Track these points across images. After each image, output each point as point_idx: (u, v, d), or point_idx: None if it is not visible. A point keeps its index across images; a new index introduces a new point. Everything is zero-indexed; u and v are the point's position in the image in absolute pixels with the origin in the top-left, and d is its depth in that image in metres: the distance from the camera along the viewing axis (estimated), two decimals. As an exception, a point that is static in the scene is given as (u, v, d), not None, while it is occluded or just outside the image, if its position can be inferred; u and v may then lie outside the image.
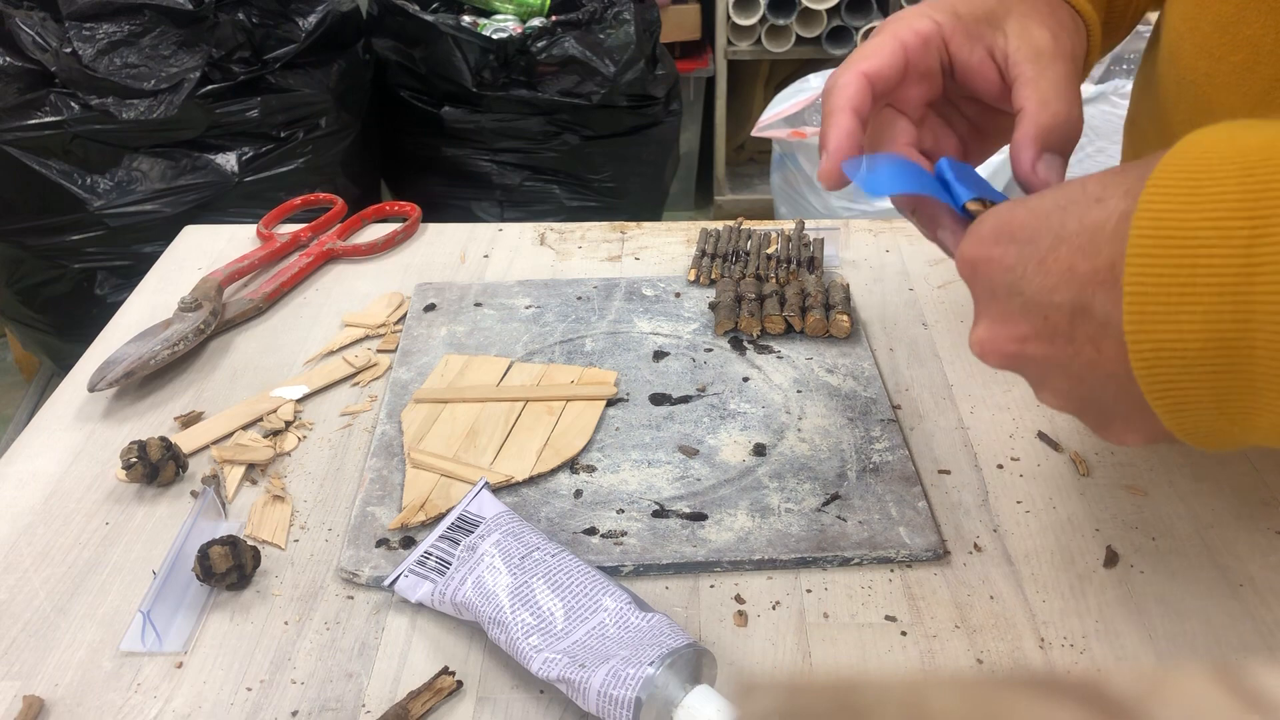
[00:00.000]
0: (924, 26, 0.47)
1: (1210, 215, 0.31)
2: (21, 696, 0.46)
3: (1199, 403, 0.34)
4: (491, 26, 1.91)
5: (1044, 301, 0.36)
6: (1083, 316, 0.35)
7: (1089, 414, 0.39)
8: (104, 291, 1.71)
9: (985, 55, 0.47)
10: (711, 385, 0.66)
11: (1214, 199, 0.31)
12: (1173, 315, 0.32)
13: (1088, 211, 0.35)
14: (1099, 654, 0.48)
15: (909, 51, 0.46)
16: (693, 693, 0.42)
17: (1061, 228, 0.36)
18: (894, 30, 0.47)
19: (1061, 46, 0.45)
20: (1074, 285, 0.35)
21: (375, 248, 0.83)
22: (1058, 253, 0.36)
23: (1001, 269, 0.38)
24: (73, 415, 0.65)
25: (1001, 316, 0.39)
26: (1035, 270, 0.36)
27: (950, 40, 0.47)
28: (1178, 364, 0.33)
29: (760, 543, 0.53)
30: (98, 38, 1.59)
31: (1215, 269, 0.31)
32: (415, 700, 0.46)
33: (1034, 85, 0.45)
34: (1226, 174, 0.31)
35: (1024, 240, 0.37)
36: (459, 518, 0.52)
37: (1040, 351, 0.38)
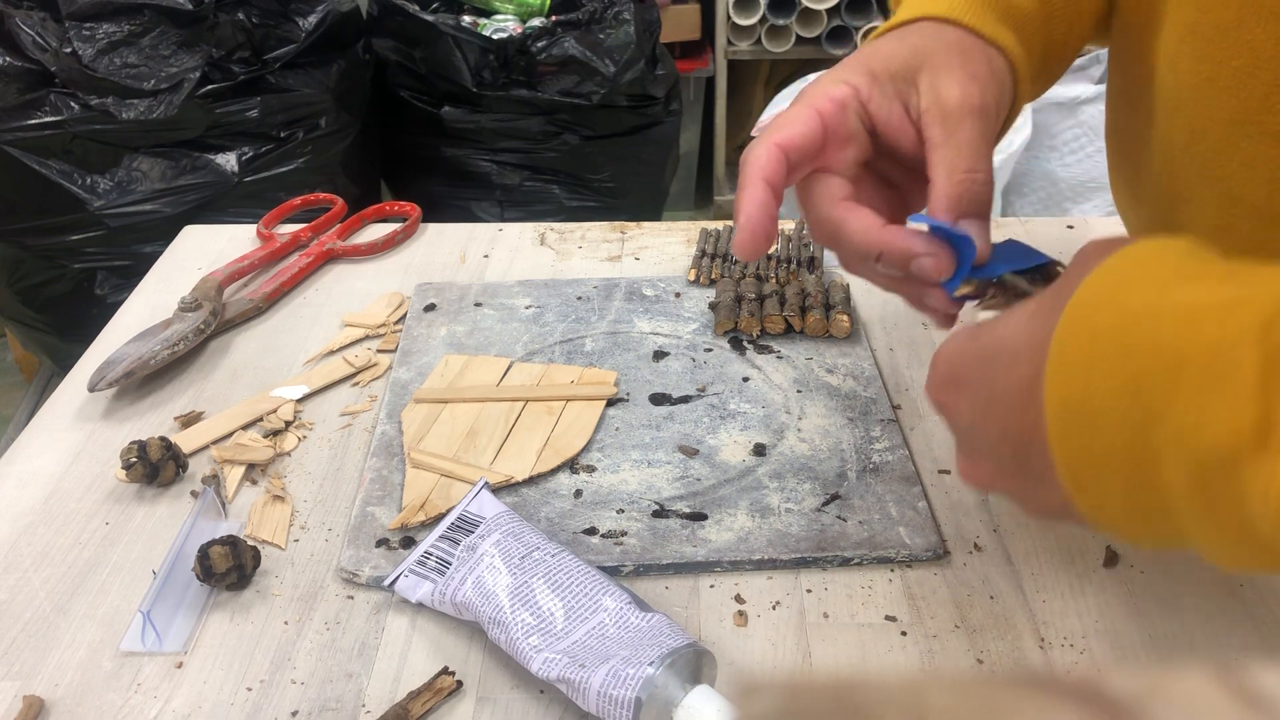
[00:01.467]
0: (839, 92, 0.47)
1: (1106, 397, 0.32)
2: (21, 696, 0.46)
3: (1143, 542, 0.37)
4: (491, 26, 1.91)
5: (995, 450, 0.39)
6: (1026, 466, 0.38)
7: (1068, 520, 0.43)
8: (104, 291, 1.71)
9: (902, 113, 0.47)
10: (711, 385, 0.66)
11: (1105, 378, 0.32)
12: (1099, 487, 0.34)
13: (1008, 372, 0.37)
14: (1099, 654, 0.48)
15: (825, 118, 0.46)
16: (693, 693, 0.42)
17: (993, 384, 0.38)
18: (809, 98, 0.47)
19: (971, 101, 0.45)
20: (1012, 442, 0.37)
21: (375, 248, 0.83)
22: (993, 410, 0.38)
23: (957, 415, 0.41)
24: (73, 415, 0.65)
25: (970, 454, 0.42)
26: (982, 422, 0.39)
27: (868, 102, 0.47)
28: (1110, 522, 0.35)
29: (760, 543, 0.53)
30: (98, 38, 1.59)
31: (1123, 449, 0.32)
32: (415, 700, 0.46)
33: (940, 152, 0.45)
34: (1112, 351, 0.32)
35: (968, 388, 0.40)
36: (459, 518, 0.52)
37: (1005, 486, 0.41)
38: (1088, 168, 2.13)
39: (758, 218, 0.45)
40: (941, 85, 0.45)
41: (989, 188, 0.45)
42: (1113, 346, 0.33)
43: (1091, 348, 0.33)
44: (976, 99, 0.45)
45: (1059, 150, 2.17)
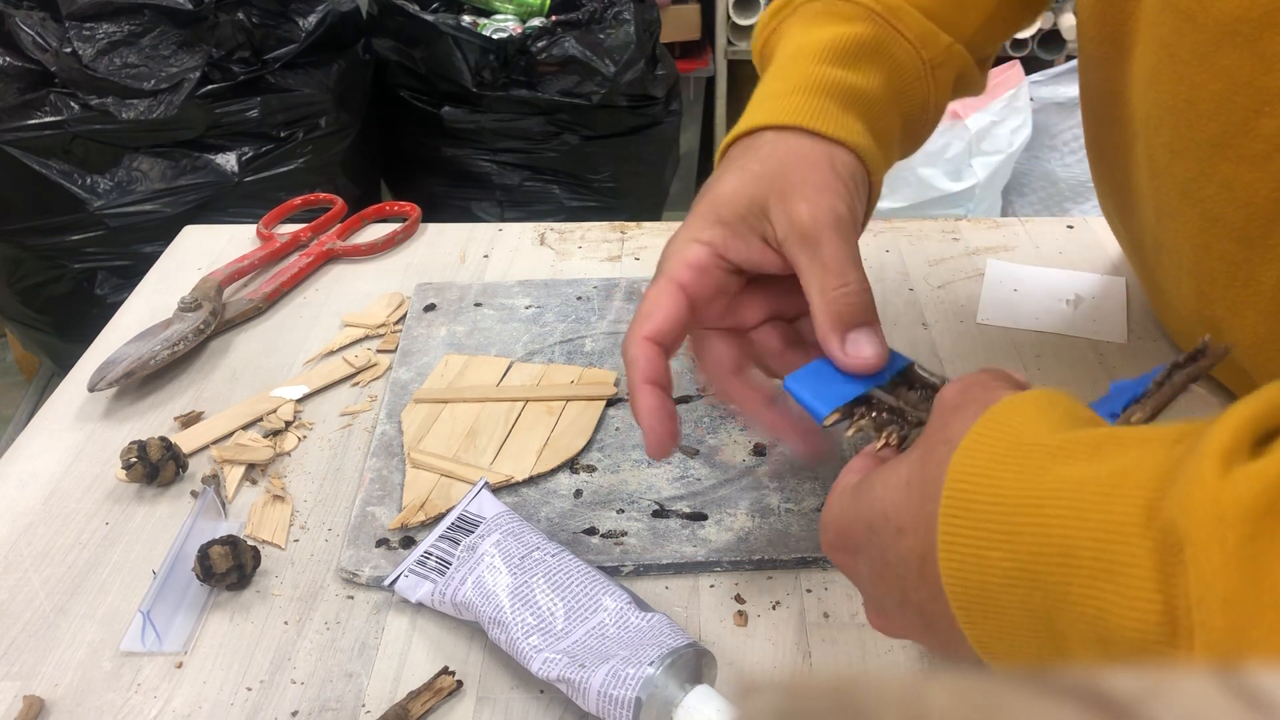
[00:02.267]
0: (694, 255, 0.47)
1: (1003, 586, 0.32)
2: (21, 696, 0.46)
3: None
4: (491, 26, 1.91)
5: (897, 612, 0.39)
6: (932, 628, 0.37)
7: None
8: (104, 291, 1.71)
9: (763, 246, 0.46)
10: (711, 385, 0.66)
11: (998, 567, 0.32)
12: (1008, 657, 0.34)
13: (894, 544, 0.37)
14: (1099, 654, 0.48)
15: (688, 289, 0.46)
16: (693, 693, 0.42)
17: (882, 553, 0.37)
18: (668, 272, 0.47)
19: (823, 217, 0.45)
20: (914, 609, 0.37)
21: (375, 248, 0.83)
22: (886, 579, 0.38)
23: (855, 575, 0.41)
24: (73, 415, 0.65)
25: (875, 609, 0.41)
26: (881, 588, 0.39)
27: (726, 252, 0.47)
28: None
29: (760, 543, 0.53)
30: (98, 38, 1.59)
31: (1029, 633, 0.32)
32: (415, 700, 0.46)
33: (809, 273, 0.45)
34: (999, 539, 0.32)
35: (859, 552, 0.39)
36: (459, 518, 0.52)
37: (918, 639, 0.41)
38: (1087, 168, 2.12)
39: (659, 424, 0.46)
40: (792, 209, 0.45)
41: (866, 295, 0.45)
42: (999, 536, 0.32)
43: (978, 538, 0.33)
44: (828, 214, 0.45)
45: (1059, 150, 2.17)
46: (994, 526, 0.32)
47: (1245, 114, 0.46)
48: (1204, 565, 0.27)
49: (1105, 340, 0.70)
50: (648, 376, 0.46)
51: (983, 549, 0.33)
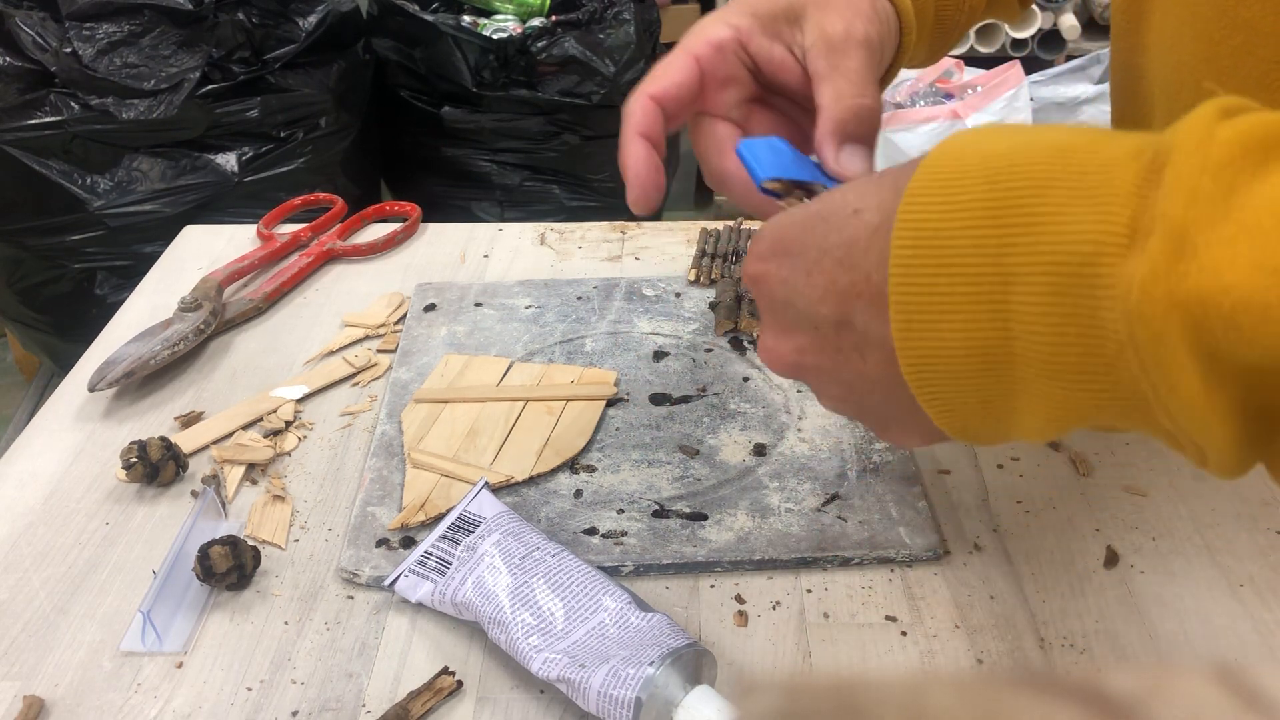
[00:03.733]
0: (718, 34, 0.47)
1: (962, 225, 0.32)
2: (21, 696, 0.46)
3: (965, 405, 0.35)
4: (491, 26, 1.91)
5: (812, 314, 0.38)
6: (846, 328, 0.36)
7: (866, 418, 0.41)
8: (104, 291, 1.71)
9: (785, 52, 0.47)
10: (711, 385, 0.66)
11: (964, 209, 0.32)
12: (934, 325, 0.33)
13: (845, 224, 0.36)
14: (1099, 654, 0.48)
15: (703, 63, 0.47)
16: (693, 693, 0.42)
17: (824, 240, 0.37)
18: (687, 44, 0.48)
19: (855, 34, 0.45)
20: (835, 298, 0.36)
21: (375, 248, 0.83)
22: (821, 266, 0.37)
23: (777, 282, 0.39)
24: (73, 415, 0.65)
25: (780, 328, 0.40)
26: (804, 284, 0.37)
27: (749, 42, 0.47)
28: (944, 371, 0.34)
29: (760, 543, 0.53)
30: (98, 38, 1.59)
31: (970, 279, 0.32)
32: (415, 700, 0.46)
33: (828, 80, 0.45)
34: (974, 183, 0.32)
35: (794, 254, 0.38)
36: (459, 518, 0.52)
37: (814, 361, 0.39)
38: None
39: (644, 174, 0.46)
40: (826, 21, 0.46)
41: (876, 115, 0.45)
42: (975, 178, 0.32)
43: (950, 181, 0.32)
44: (860, 32, 0.45)
45: (1059, 150, 2.17)
46: (973, 170, 0.32)
47: (1266, 65, 0.47)
48: (1181, 168, 0.28)
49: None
50: (642, 129, 0.46)
51: (952, 190, 0.32)
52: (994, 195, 0.31)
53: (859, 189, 0.37)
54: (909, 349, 0.34)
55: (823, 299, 0.37)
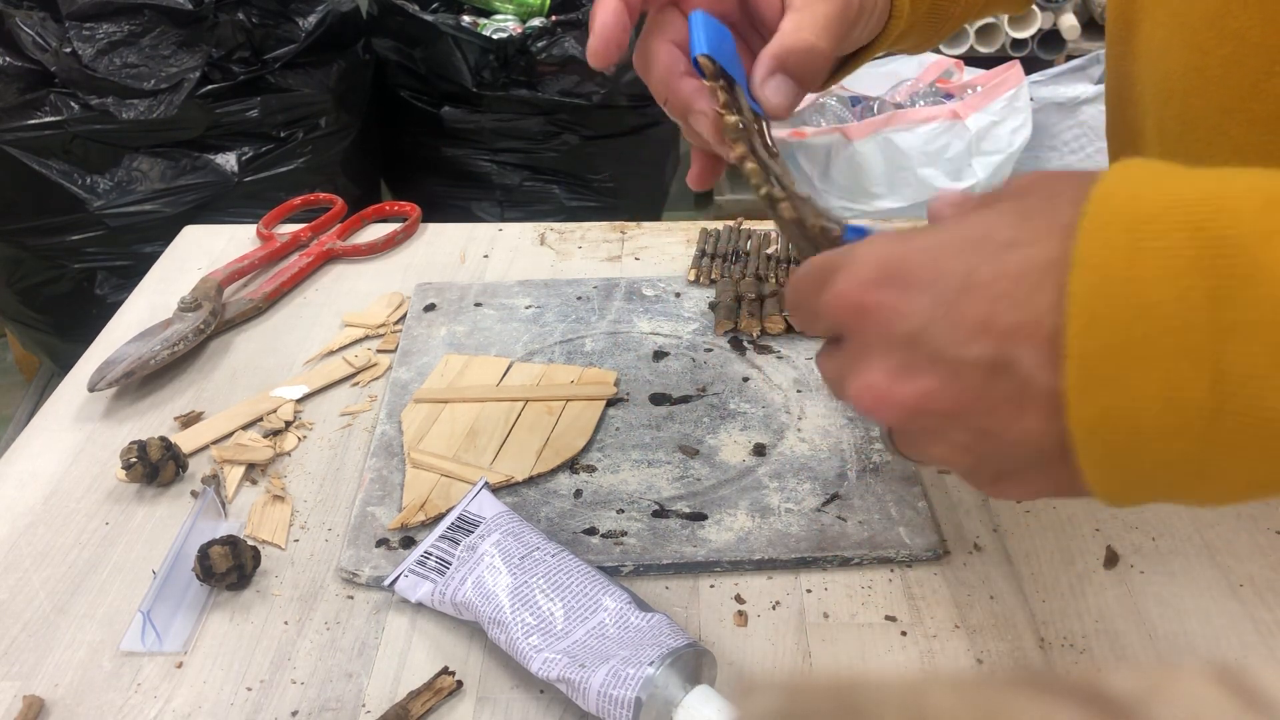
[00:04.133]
0: None
1: (1162, 273, 0.29)
2: (21, 696, 0.46)
3: (1139, 469, 0.31)
4: (491, 26, 1.91)
5: (955, 356, 0.33)
6: (1002, 374, 0.32)
7: (981, 470, 0.36)
8: (104, 291, 1.71)
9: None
10: (711, 385, 0.66)
11: (1163, 254, 0.29)
12: (1122, 379, 0.30)
13: (1001, 257, 0.32)
14: (1099, 654, 0.48)
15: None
16: (693, 693, 0.42)
17: (970, 274, 0.32)
18: None
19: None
20: (994, 340, 0.32)
21: (375, 248, 0.83)
22: (971, 301, 0.32)
23: (898, 315, 0.34)
24: (73, 415, 0.65)
25: (902, 369, 0.34)
26: (944, 319, 0.33)
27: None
28: (1125, 430, 0.30)
29: (760, 543, 0.53)
30: (98, 38, 1.59)
31: (1175, 331, 0.29)
32: (415, 700, 0.46)
33: (795, 13, 0.46)
34: (1172, 227, 0.29)
35: (923, 284, 0.33)
36: (459, 518, 0.52)
37: (945, 407, 0.34)
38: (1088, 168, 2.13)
39: (611, 26, 0.46)
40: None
41: (820, 63, 0.45)
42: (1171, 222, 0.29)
43: (1138, 224, 0.30)
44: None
45: (1059, 150, 2.17)
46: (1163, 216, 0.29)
47: (1255, 76, 0.47)
48: None
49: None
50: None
51: (1142, 237, 0.29)
52: (1200, 242, 0.29)
53: (1003, 221, 0.33)
54: (1087, 403, 0.30)
55: (972, 339, 0.32)
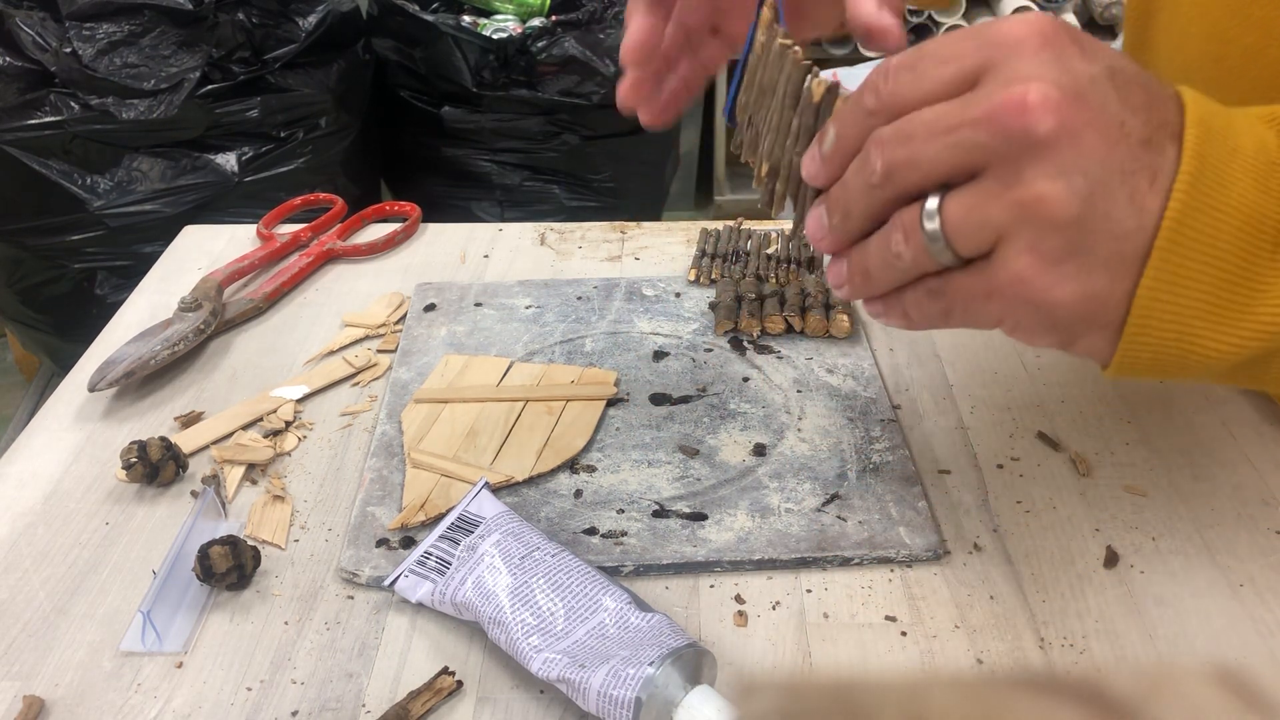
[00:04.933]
0: None
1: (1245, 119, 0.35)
2: (21, 696, 0.46)
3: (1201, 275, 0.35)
4: (491, 26, 1.91)
5: (1122, 115, 0.34)
6: (1153, 150, 0.34)
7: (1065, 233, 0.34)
8: (104, 291, 1.71)
9: None
10: (711, 385, 0.66)
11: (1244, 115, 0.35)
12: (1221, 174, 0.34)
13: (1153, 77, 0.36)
14: (1099, 654, 0.48)
15: None
16: (693, 693, 0.42)
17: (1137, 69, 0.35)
18: None
19: None
20: (1153, 121, 0.34)
21: (375, 248, 0.83)
22: (1134, 87, 0.34)
23: (1082, 58, 0.34)
24: (73, 415, 0.65)
25: (1077, 92, 0.33)
26: (1118, 86, 0.34)
27: None
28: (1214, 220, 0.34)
29: (760, 543, 0.53)
30: (98, 38, 1.59)
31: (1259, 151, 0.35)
32: (415, 700, 0.46)
33: None
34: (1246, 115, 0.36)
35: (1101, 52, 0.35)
36: (459, 518, 0.52)
37: (1099, 144, 0.33)
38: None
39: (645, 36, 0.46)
40: None
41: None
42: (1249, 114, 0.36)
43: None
44: None
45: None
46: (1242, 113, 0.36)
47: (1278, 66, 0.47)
48: None
49: (1105, 340, 0.70)
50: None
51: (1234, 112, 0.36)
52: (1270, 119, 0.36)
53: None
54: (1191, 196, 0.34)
55: (1137, 111, 0.34)
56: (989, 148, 0.34)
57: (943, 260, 0.36)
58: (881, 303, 0.40)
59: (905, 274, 0.37)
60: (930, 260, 0.36)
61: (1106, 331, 0.36)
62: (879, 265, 0.38)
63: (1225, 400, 0.64)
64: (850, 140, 0.37)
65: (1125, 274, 0.35)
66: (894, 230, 0.37)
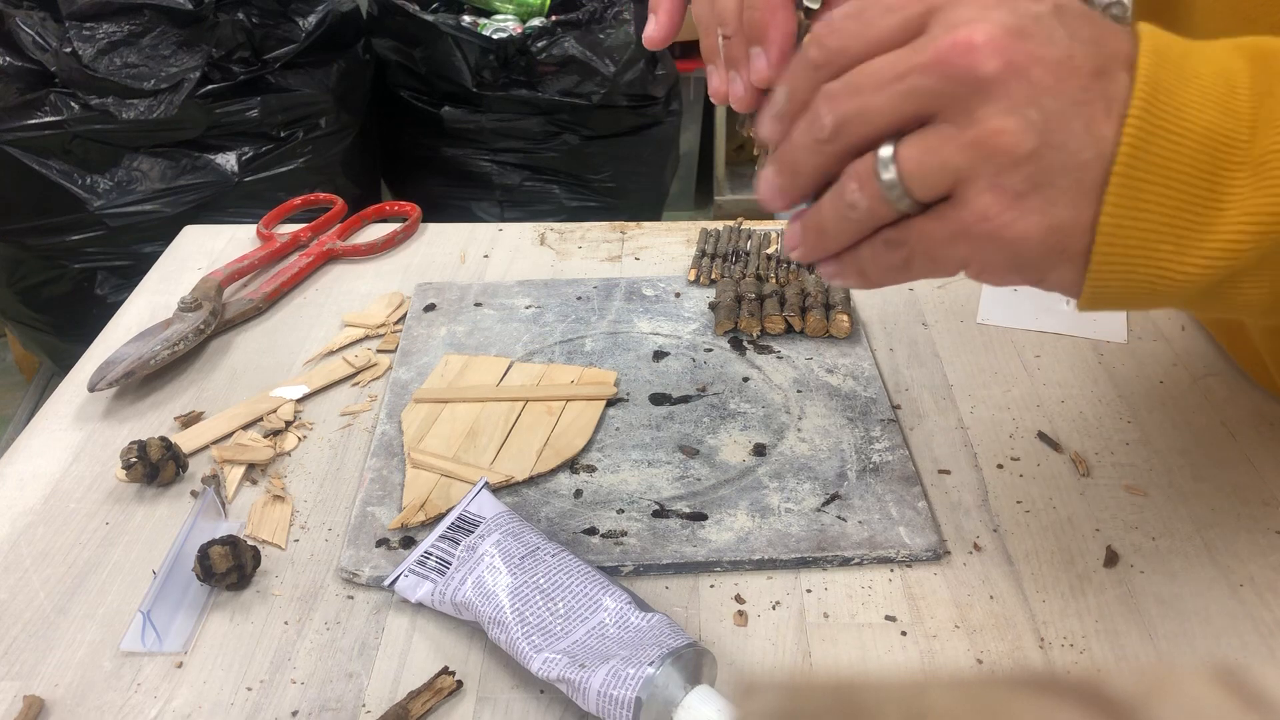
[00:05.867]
0: None
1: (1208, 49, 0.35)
2: (21, 696, 0.46)
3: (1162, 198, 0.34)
4: (491, 26, 1.91)
5: (1072, 47, 0.34)
6: (1104, 79, 0.34)
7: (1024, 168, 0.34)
8: (104, 291, 1.71)
9: None
10: (711, 385, 0.66)
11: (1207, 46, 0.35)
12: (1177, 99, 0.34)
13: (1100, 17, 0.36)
14: (1099, 654, 0.48)
15: None
16: (693, 693, 0.42)
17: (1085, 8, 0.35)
18: None
19: None
20: (1104, 52, 0.34)
21: (375, 248, 0.83)
22: (1083, 20, 0.34)
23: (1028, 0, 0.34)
24: (73, 415, 0.65)
25: (1022, 29, 0.34)
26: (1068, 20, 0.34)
27: None
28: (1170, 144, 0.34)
29: (760, 543, 0.53)
30: (98, 38, 1.59)
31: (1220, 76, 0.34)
32: (415, 700, 0.46)
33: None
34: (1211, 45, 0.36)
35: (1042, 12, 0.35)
36: (459, 518, 0.52)
37: (1050, 74, 0.34)
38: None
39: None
40: None
41: None
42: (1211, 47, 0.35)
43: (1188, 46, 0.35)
44: None
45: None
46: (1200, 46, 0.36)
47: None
48: None
49: (1105, 340, 0.70)
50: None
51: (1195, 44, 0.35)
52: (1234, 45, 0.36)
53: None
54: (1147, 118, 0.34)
55: (1087, 43, 0.34)
56: (939, 92, 0.34)
57: (901, 207, 0.36)
58: (836, 262, 0.39)
59: (861, 226, 0.37)
60: (888, 209, 0.36)
61: (1075, 263, 0.36)
62: (834, 219, 0.37)
63: (1225, 400, 0.64)
64: (802, 96, 0.37)
65: (1087, 203, 0.34)
66: (848, 181, 0.36)
